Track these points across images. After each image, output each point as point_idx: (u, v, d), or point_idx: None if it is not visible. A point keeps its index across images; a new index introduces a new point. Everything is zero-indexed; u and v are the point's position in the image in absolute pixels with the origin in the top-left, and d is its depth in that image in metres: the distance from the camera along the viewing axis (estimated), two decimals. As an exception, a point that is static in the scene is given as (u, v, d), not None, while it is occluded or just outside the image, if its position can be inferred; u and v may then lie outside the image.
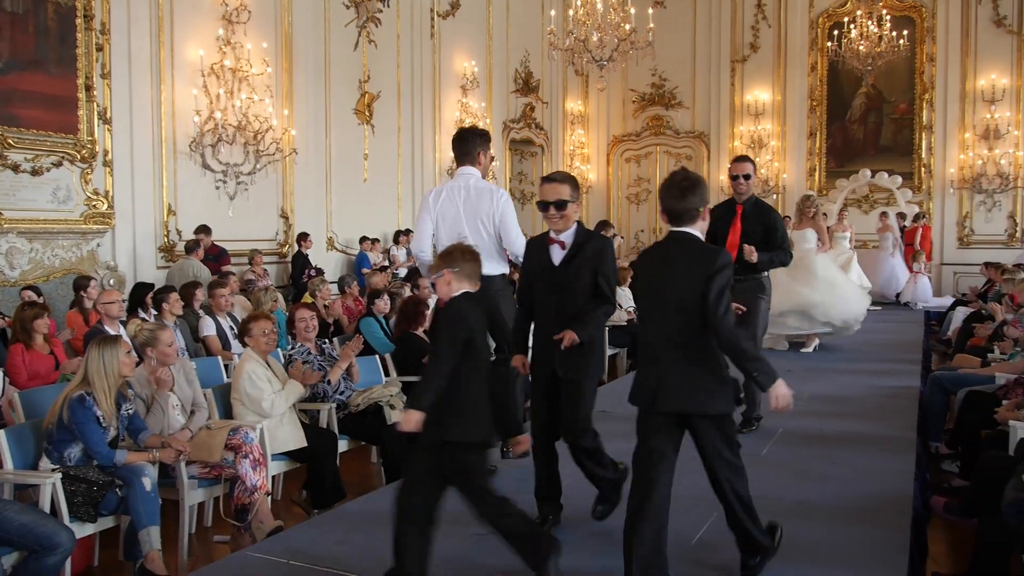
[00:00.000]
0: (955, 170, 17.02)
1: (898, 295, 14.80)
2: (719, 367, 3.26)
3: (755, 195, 5.96)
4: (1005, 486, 3.61)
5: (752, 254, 5.55)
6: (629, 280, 10.76)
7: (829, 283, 9.41)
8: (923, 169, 17.34)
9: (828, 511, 4.27)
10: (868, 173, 16.44)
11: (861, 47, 15.65)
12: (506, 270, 5.01)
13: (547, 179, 3.97)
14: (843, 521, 4.12)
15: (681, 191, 3.29)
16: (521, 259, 4.39)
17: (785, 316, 9.07)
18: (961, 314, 10.74)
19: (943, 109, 17.08)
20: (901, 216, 15.51)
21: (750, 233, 5.70)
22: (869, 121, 17.88)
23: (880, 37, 15.56)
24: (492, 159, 6.44)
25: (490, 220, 4.83)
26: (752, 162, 5.96)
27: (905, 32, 16.18)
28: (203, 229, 9.79)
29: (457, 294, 3.41)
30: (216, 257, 9.80)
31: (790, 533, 3.84)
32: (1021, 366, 6.01)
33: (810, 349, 9.36)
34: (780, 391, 3.21)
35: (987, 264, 12.94)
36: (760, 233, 5.71)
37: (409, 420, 3.24)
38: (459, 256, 3.48)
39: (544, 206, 3.89)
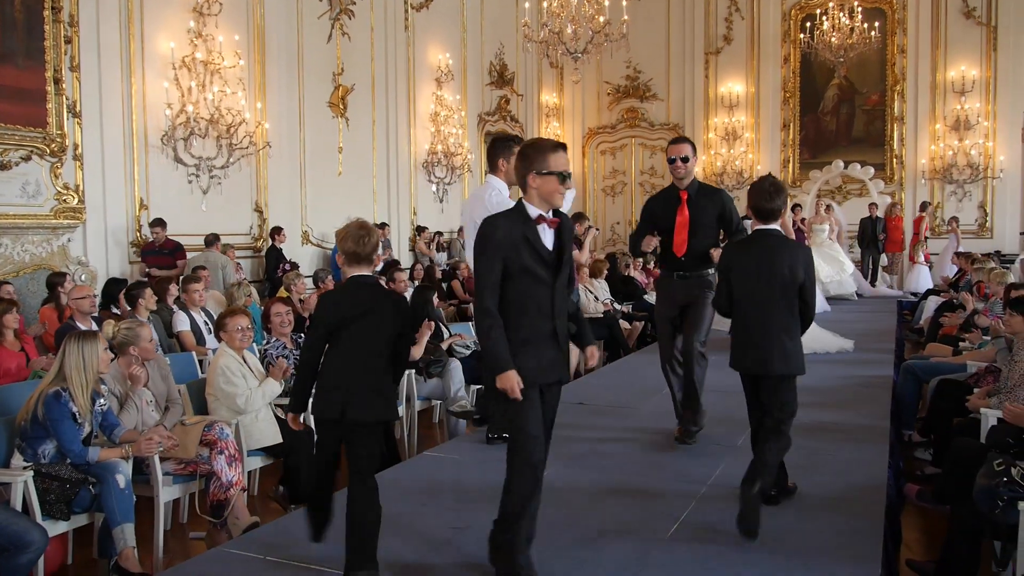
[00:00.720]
0: (926, 161, 17.23)
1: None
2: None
3: (698, 180, 5.42)
4: (976, 473, 3.66)
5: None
6: (605, 272, 10.79)
7: None
8: (895, 160, 17.54)
9: (804, 500, 4.30)
10: (841, 164, 16.60)
11: (833, 39, 15.77)
12: None
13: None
14: (819, 509, 4.16)
15: (770, 194, 3.99)
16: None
17: None
18: (933, 303, 10.87)
19: (914, 100, 17.27)
20: (873, 206, 15.64)
21: (701, 220, 5.19)
22: (841, 112, 18.04)
23: (852, 29, 15.69)
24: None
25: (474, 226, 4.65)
26: (691, 143, 5.40)
27: (876, 24, 16.33)
28: (158, 223, 9.63)
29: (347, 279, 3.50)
30: (172, 251, 9.69)
31: (767, 523, 3.87)
32: (991, 354, 6.08)
33: None
34: None
35: (958, 254, 13.11)
36: (713, 219, 5.23)
37: (292, 421, 3.62)
38: (341, 238, 3.49)
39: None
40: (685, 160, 5.25)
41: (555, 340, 3.33)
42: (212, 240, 10.07)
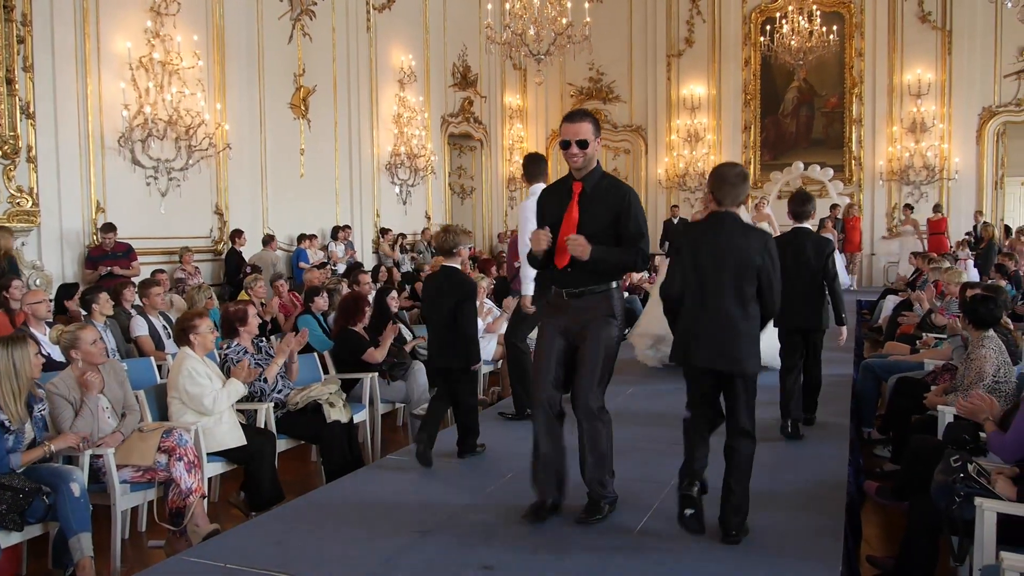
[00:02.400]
0: (884, 162, 17.51)
1: None
2: None
3: (602, 170, 4.14)
4: (934, 470, 3.71)
5: (581, 247, 3.82)
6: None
7: None
8: (853, 161, 17.79)
9: (766, 497, 4.34)
10: (801, 166, 16.80)
11: (792, 42, 15.97)
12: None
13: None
14: (780, 506, 4.20)
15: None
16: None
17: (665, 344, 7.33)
18: (891, 303, 11.04)
19: (872, 103, 17.54)
20: (836, 208, 15.83)
21: (591, 222, 3.95)
22: (801, 115, 18.27)
23: (811, 32, 15.90)
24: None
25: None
26: (592, 121, 4.01)
27: (835, 27, 16.57)
28: (109, 227, 9.46)
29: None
30: (125, 254, 9.53)
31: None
32: (947, 352, 6.19)
33: None
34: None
35: (915, 254, 13.33)
36: (607, 221, 3.97)
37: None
38: (432, 237, 3.98)
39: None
40: (583, 146, 3.96)
41: None
42: (268, 240, 11.81)
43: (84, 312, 7.05)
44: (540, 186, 5.65)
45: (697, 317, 3.76)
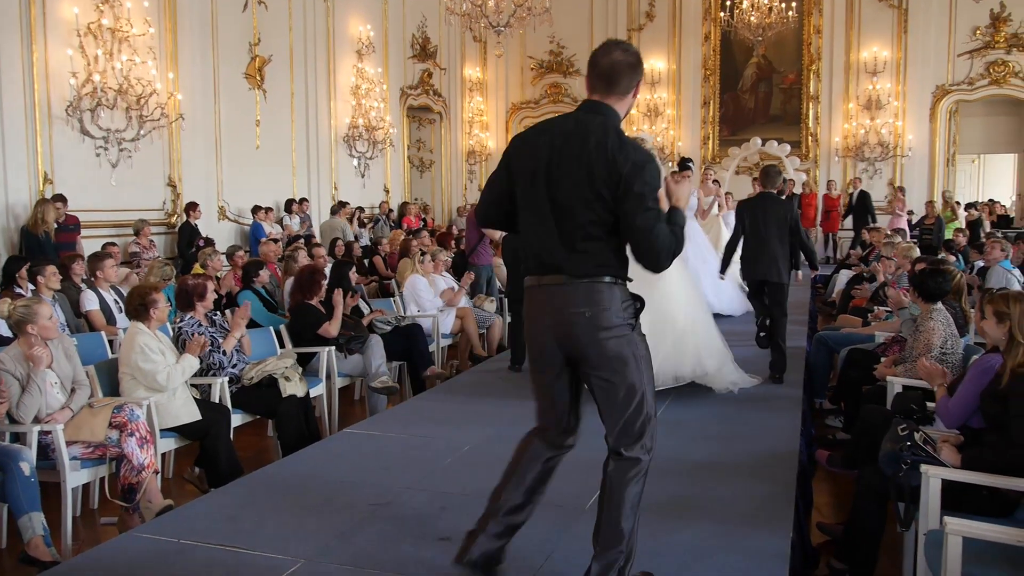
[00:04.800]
0: (840, 139, 17.72)
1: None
2: None
3: None
4: (882, 438, 3.79)
5: None
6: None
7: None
8: (810, 138, 17.98)
9: (721, 468, 4.41)
10: (759, 142, 16.93)
11: (752, 18, 16.02)
12: None
13: None
14: (735, 477, 4.27)
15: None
16: None
17: None
18: (845, 277, 11.22)
19: (829, 80, 17.71)
20: (791, 183, 16.01)
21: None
22: (760, 91, 18.39)
23: (770, 8, 15.96)
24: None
25: None
26: None
27: (793, 4, 16.62)
28: (59, 198, 9.23)
29: None
30: (76, 226, 9.32)
31: (686, 491, 3.94)
32: (897, 325, 6.31)
33: None
34: None
35: (868, 229, 13.54)
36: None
37: None
38: None
39: None
40: None
41: None
42: (337, 208, 13.04)
43: (32, 286, 6.88)
44: None
45: None
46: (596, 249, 2.79)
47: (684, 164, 9.15)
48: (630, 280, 2.88)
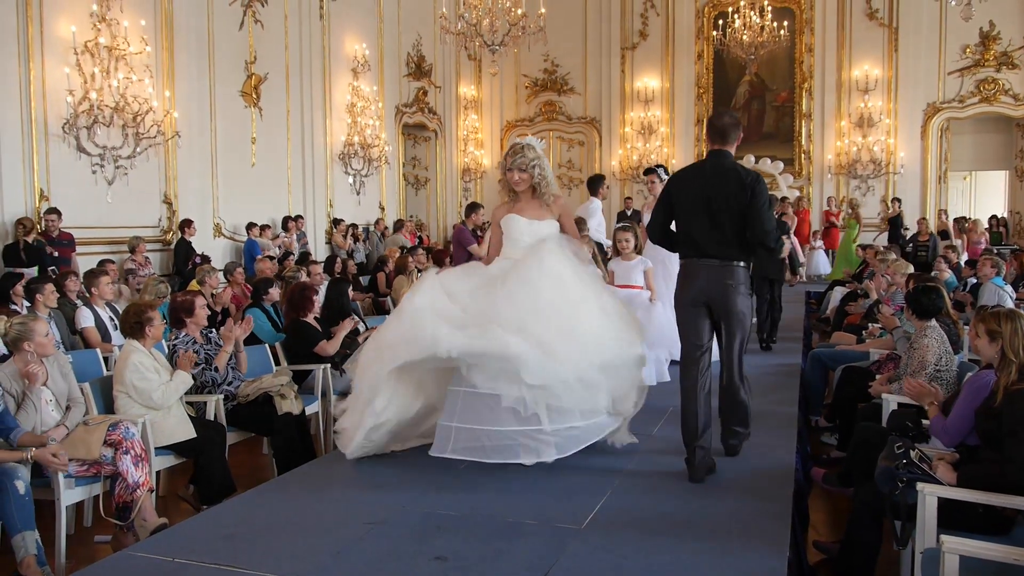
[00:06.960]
0: (832, 156, 17.83)
1: None
2: None
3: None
4: (878, 456, 3.80)
5: None
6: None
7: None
8: (803, 155, 18.10)
9: (716, 485, 4.40)
10: (752, 159, 17.02)
11: (744, 37, 16.16)
12: None
13: None
14: (730, 494, 4.26)
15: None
16: None
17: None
18: (839, 294, 11.25)
19: (821, 98, 17.85)
20: (784, 201, 16.07)
21: None
22: (752, 108, 18.51)
23: (762, 27, 16.10)
24: None
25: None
26: None
27: (785, 23, 16.81)
28: (53, 211, 9.25)
29: None
30: (71, 242, 9.32)
31: (681, 508, 3.94)
32: (892, 342, 6.33)
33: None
34: None
35: (861, 246, 13.60)
36: None
37: None
38: None
39: None
40: None
41: None
42: (400, 226, 14.11)
43: (27, 303, 6.87)
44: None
45: None
46: (735, 244, 4.43)
47: (650, 170, 8.52)
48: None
